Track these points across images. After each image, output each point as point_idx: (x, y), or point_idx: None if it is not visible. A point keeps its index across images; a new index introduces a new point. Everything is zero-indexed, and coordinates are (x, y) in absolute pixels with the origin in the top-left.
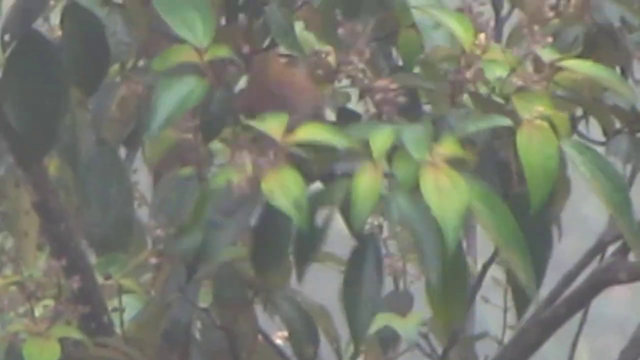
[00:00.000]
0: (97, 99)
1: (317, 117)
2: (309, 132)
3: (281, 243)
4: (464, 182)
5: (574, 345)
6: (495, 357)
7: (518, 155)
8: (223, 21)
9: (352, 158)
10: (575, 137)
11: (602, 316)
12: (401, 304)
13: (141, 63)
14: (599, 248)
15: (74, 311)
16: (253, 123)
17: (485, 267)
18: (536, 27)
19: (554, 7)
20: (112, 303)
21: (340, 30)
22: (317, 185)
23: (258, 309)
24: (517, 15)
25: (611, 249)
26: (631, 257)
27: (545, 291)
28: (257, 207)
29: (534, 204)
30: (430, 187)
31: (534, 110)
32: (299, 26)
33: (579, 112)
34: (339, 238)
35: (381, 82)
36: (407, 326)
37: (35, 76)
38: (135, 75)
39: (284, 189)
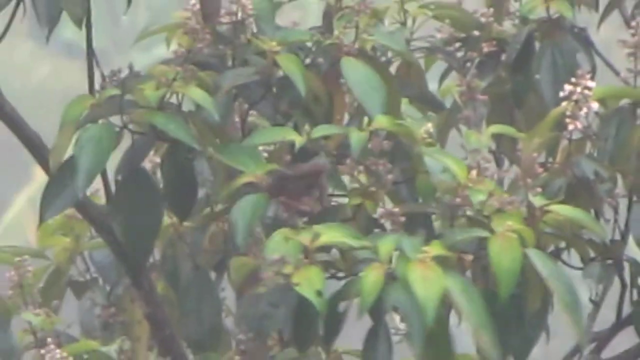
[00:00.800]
0: (193, 235)
1: None
2: (332, 239)
3: (312, 321)
4: (443, 274)
5: None
6: None
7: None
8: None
9: (367, 261)
10: (560, 263)
11: None
12: None
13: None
14: (577, 349)
15: None
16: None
17: None
18: (529, 180)
19: (542, 164)
20: None
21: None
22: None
23: None
24: (514, 171)
25: (587, 350)
26: (603, 355)
27: None
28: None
29: (502, 292)
30: (416, 277)
31: (505, 225)
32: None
33: (562, 244)
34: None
35: (392, 210)
36: None
37: (138, 202)
38: (221, 217)
39: (309, 281)
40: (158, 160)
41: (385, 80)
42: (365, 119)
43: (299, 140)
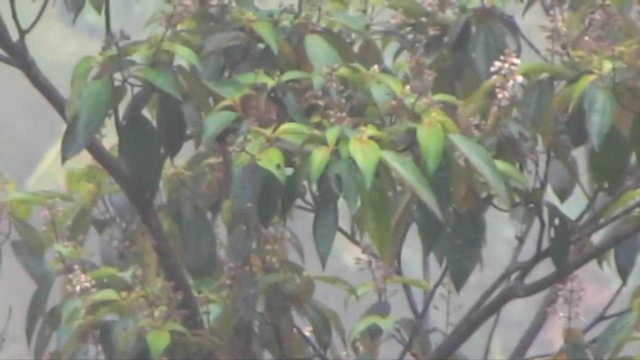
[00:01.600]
0: (193, 182)
1: None
2: (288, 129)
3: (274, 197)
4: (378, 147)
5: (490, 336)
6: (441, 344)
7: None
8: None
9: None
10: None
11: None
12: (382, 310)
13: None
14: (505, 275)
15: (178, 314)
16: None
17: (435, 287)
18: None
19: (477, 126)
20: (203, 309)
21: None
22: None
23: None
24: None
25: (513, 276)
26: (526, 280)
27: (473, 302)
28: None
29: (429, 168)
30: (357, 150)
31: (431, 116)
32: None
33: (492, 192)
34: (344, 269)
35: (341, 115)
36: (386, 324)
37: (139, 142)
38: (216, 167)
39: (269, 159)
40: None
41: (346, 56)
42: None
43: (271, 82)
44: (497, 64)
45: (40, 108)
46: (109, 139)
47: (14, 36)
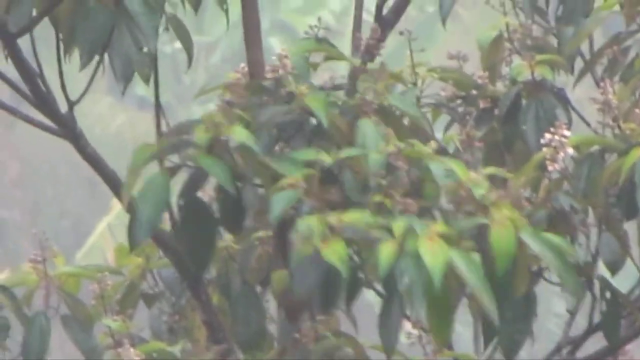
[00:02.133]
0: (242, 256)
1: None
2: (355, 218)
3: (336, 288)
4: (447, 247)
5: None
6: None
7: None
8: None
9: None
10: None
11: None
12: None
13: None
14: (557, 349)
15: None
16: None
17: None
18: (518, 211)
19: (527, 199)
20: None
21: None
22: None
23: None
24: None
25: (565, 350)
26: (578, 354)
27: None
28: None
29: (499, 269)
30: (426, 249)
31: (502, 214)
32: None
33: (544, 264)
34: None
35: (406, 200)
36: None
37: (196, 224)
38: (266, 240)
39: (335, 251)
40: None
41: (398, 130)
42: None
43: (327, 159)
44: (548, 136)
45: (90, 181)
46: None
47: (63, 108)
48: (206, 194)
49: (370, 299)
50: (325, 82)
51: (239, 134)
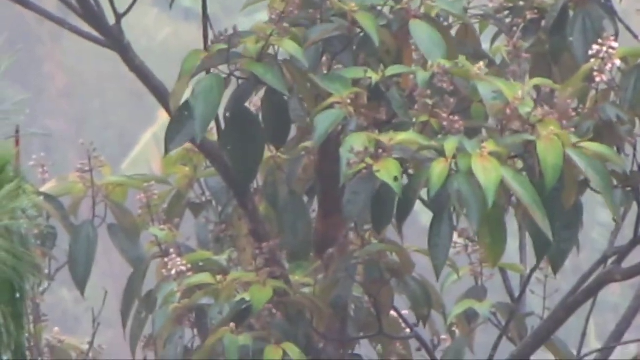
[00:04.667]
0: (289, 166)
1: None
2: (406, 137)
3: (388, 206)
4: (499, 165)
5: (587, 320)
6: (537, 328)
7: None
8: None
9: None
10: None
11: (603, 302)
12: (479, 294)
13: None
14: (603, 260)
15: (284, 275)
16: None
17: (532, 271)
18: (564, 122)
19: (574, 110)
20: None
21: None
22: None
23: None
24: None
25: (610, 260)
26: (623, 265)
27: (569, 286)
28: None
29: (547, 183)
30: (478, 167)
31: (549, 130)
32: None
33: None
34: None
35: (453, 118)
36: (483, 308)
37: (243, 135)
38: (313, 150)
39: (387, 170)
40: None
41: (446, 40)
42: (429, 63)
43: (375, 76)
44: (595, 47)
45: (137, 94)
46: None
47: (111, 20)
48: (253, 105)
49: (414, 208)
50: None
51: (289, 47)
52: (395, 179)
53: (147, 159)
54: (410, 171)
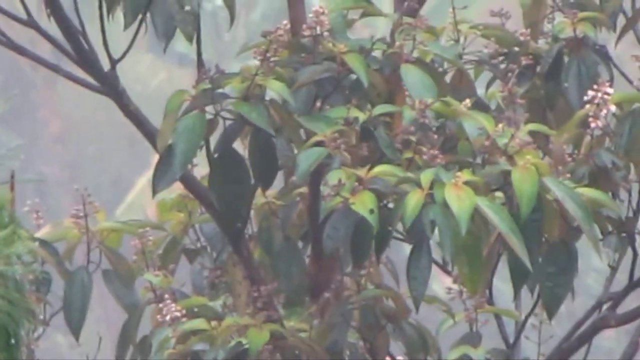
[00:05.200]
0: (284, 212)
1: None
2: (381, 170)
3: (367, 239)
4: (473, 193)
5: None
6: None
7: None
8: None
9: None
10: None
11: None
12: (473, 340)
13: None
14: (597, 305)
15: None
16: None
17: (527, 317)
18: (560, 167)
19: (570, 155)
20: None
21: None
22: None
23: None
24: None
25: (605, 306)
26: (618, 310)
27: (563, 332)
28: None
29: (523, 211)
30: (452, 196)
31: (525, 159)
32: None
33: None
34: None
35: (434, 152)
36: (477, 354)
37: (230, 176)
38: (307, 196)
39: (363, 202)
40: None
41: (439, 86)
42: (416, 102)
43: (362, 116)
44: (591, 93)
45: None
46: (200, 169)
47: (105, 66)
48: (241, 146)
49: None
50: (365, 41)
51: (274, 86)
52: (372, 211)
53: (142, 205)
54: (391, 205)
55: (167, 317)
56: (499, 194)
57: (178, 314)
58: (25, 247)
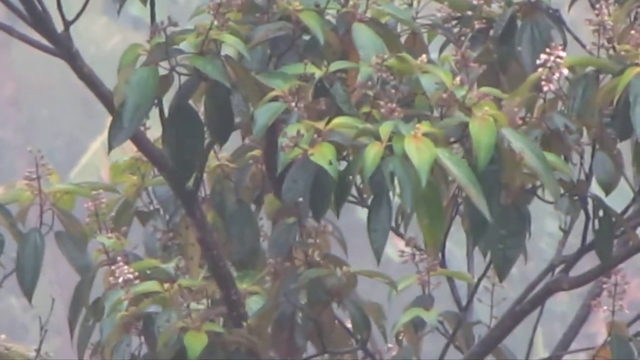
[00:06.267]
0: (237, 174)
1: None
2: (340, 123)
3: (326, 191)
4: (433, 145)
5: (534, 329)
6: (484, 337)
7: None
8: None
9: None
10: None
11: (551, 311)
12: (426, 303)
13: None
14: (550, 268)
15: (217, 313)
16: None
17: (479, 279)
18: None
19: (522, 119)
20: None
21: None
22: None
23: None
24: None
25: (558, 269)
26: (571, 274)
27: (517, 295)
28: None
29: (480, 162)
30: (412, 147)
31: (483, 110)
32: None
33: (538, 183)
34: (388, 261)
35: (392, 106)
36: (430, 316)
37: (184, 131)
38: (260, 159)
39: (322, 154)
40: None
41: (393, 46)
42: (373, 58)
43: (318, 72)
44: (543, 56)
45: (86, 102)
46: (153, 131)
47: (59, 28)
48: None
49: (362, 217)
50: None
51: (230, 40)
52: (330, 162)
53: (96, 168)
54: (350, 158)
55: (120, 280)
56: (456, 147)
57: (131, 276)
58: None
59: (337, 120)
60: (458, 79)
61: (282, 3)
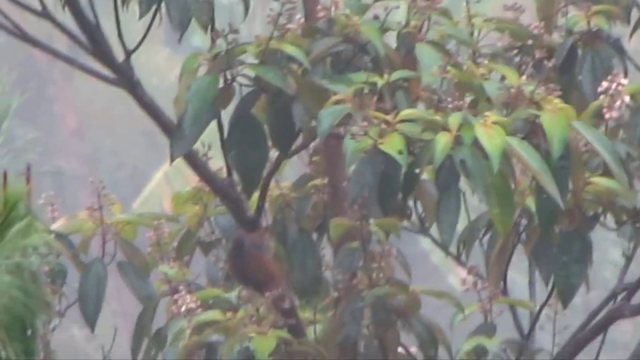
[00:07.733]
0: (298, 204)
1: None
2: (409, 113)
3: (394, 182)
4: (504, 132)
5: (597, 357)
6: None
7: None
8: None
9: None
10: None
11: (614, 339)
12: (488, 330)
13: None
14: (612, 296)
15: (284, 323)
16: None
17: (542, 307)
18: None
19: (584, 146)
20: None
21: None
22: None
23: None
24: None
25: (620, 297)
26: (633, 301)
27: (579, 323)
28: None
29: (554, 154)
30: (482, 134)
31: (553, 104)
32: None
33: (600, 210)
34: (450, 290)
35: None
36: (492, 344)
37: (247, 141)
38: (322, 188)
39: (392, 144)
40: None
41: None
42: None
43: (380, 80)
44: (605, 84)
45: (149, 133)
46: (215, 160)
47: (120, 58)
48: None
49: (425, 247)
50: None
51: (289, 49)
52: (400, 152)
53: (158, 198)
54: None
55: (182, 309)
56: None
57: (193, 305)
58: (41, 239)
59: (406, 111)
60: (524, 77)
61: (341, 18)
